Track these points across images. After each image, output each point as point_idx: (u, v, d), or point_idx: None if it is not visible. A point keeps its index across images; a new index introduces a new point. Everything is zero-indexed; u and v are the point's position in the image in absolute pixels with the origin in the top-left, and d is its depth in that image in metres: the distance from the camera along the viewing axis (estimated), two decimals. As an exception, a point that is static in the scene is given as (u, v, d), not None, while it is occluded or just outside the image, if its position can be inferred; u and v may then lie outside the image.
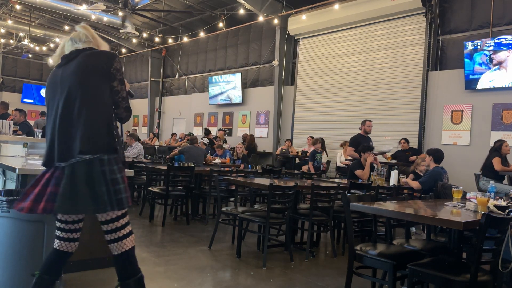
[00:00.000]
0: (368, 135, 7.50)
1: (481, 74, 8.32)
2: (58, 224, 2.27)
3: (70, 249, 2.27)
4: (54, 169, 2.17)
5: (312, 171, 8.29)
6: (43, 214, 2.15)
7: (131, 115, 2.40)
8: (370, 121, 7.67)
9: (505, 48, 7.98)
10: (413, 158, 8.05)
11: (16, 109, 7.57)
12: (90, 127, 2.12)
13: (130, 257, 2.26)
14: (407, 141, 9.00)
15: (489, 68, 8.19)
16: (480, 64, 8.30)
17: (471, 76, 8.44)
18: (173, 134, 15.00)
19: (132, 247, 2.28)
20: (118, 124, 2.36)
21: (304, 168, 9.72)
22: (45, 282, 2.19)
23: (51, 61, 2.37)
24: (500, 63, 8.08)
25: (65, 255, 2.26)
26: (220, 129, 13.05)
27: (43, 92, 20.20)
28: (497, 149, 6.75)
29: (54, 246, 2.26)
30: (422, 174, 5.87)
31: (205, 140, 9.97)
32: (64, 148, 2.12)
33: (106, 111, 2.21)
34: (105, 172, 2.10)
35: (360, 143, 6.97)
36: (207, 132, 12.16)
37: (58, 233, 2.27)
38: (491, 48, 8.15)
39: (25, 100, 19.51)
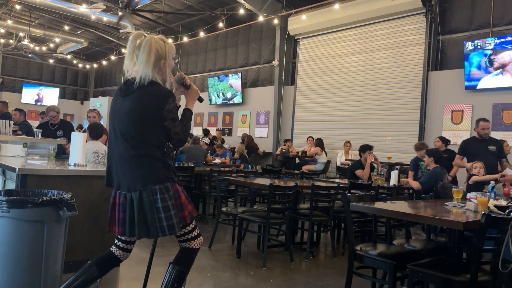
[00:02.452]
0: (484, 138, 6.01)
1: (481, 74, 8.31)
2: (116, 240, 2.54)
3: (122, 257, 2.51)
4: (119, 195, 2.39)
5: (414, 185, 5.53)
6: (120, 236, 2.46)
7: (186, 140, 2.55)
8: (486, 120, 6.12)
9: (507, 48, 7.97)
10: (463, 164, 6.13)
11: (16, 109, 7.57)
12: (144, 163, 2.31)
13: (192, 254, 2.51)
14: (443, 140, 7.28)
15: (489, 68, 8.18)
16: (480, 65, 8.30)
17: (471, 76, 8.44)
18: None
19: (197, 248, 2.52)
20: None
21: (305, 168, 9.72)
22: (91, 271, 2.39)
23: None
24: (500, 64, 8.07)
25: (117, 260, 2.52)
26: (217, 129, 13.04)
27: (43, 91, 20.23)
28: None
29: (111, 249, 2.52)
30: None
31: (206, 140, 9.98)
32: (122, 179, 2.35)
33: (159, 148, 2.36)
34: (156, 201, 2.29)
35: (469, 149, 5.91)
36: (206, 133, 12.17)
37: (116, 241, 2.52)
38: (491, 48, 8.14)
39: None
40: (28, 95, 19.82)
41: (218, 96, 14.40)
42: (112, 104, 2.47)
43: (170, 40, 2.54)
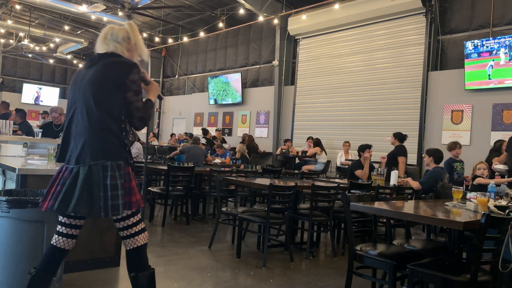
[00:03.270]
0: None
1: (481, 74, 8.31)
2: (60, 218, 2.32)
3: (67, 246, 2.30)
4: (65, 169, 2.25)
5: (414, 185, 5.46)
6: (47, 211, 2.23)
7: (147, 124, 2.42)
8: None
9: (507, 47, 7.98)
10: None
11: (16, 109, 7.56)
12: (98, 137, 2.20)
13: (141, 252, 2.33)
14: (395, 136, 7.23)
15: (490, 68, 8.19)
16: (480, 65, 8.30)
17: (471, 76, 8.44)
18: (172, 134, 15.00)
19: (145, 244, 2.35)
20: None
21: (305, 168, 9.72)
22: (42, 279, 2.23)
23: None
24: (500, 64, 8.07)
25: (61, 252, 2.30)
26: (217, 130, 13.04)
27: (43, 92, 20.23)
28: (497, 149, 6.75)
29: (51, 242, 2.30)
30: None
31: (203, 140, 9.98)
32: (74, 152, 2.22)
33: (116, 121, 2.25)
34: (105, 178, 2.16)
35: None
36: (205, 132, 12.17)
37: (58, 227, 2.32)
38: (492, 48, 8.14)
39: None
40: (28, 93, 19.78)
41: (218, 96, 14.40)
42: (73, 78, 2.40)
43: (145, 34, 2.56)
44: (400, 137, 7.18)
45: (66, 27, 15.17)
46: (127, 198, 2.22)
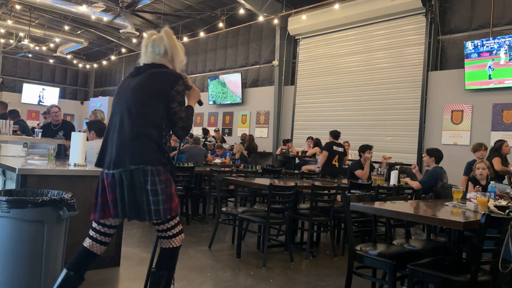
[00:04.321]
0: None
1: (481, 74, 8.31)
2: (95, 225, 2.42)
3: (98, 251, 2.40)
4: (107, 175, 2.31)
5: (414, 185, 5.53)
6: (115, 218, 2.36)
7: (188, 133, 2.48)
8: None
9: (507, 47, 7.97)
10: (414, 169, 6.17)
11: (8, 111, 7.42)
12: (138, 142, 2.25)
13: (174, 253, 2.43)
14: (331, 134, 7.66)
15: (490, 68, 8.19)
16: (480, 64, 8.30)
17: (471, 76, 8.44)
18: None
19: (179, 246, 2.43)
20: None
21: (305, 168, 9.72)
22: (72, 278, 2.32)
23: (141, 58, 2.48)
24: (500, 64, 8.07)
25: (92, 256, 2.39)
26: (215, 130, 13.03)
27: (43, 91, 20.22)
28: (497, 149, 6.75)
29: (85, 245, 2.39)
30: (483, 182, 4.97)
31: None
32: (113, 157, 2.27)
33: (157, 128, 2.30)
34: (146, 182, 2.22)
35: None
36: (205, 132, 12.17)
37: (92, 233, 2.42)
38: (492, 48, 8.15)
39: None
40: (30, 94, 19.77)
41: (218, 96, 14.40)
42: (119, 86, 2.46)
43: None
44: (333, 134, 7.73)
45: (66, 27, 15.17)
46: (169, 204, 2.29)
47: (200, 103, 2.67)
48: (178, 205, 2.39)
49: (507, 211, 2.87)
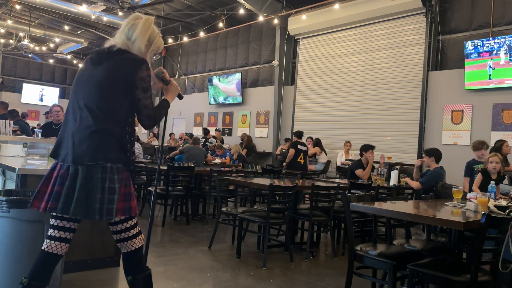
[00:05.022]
0: None
1: (481, 74, 8.31)
2: (52, 221, 2.24)
3: (60, 250, 2.20)
4: (60, 167, 2.19)
5: (414, 185, 5.58)
6: (47, 212, 2.18)
7: (156, 123, 2.37)
8: None
9: (507, 47, 7.97)
10: (418, 161, 6.19)
11: (8, 111, 7.42)
12: (99, 138, 2.14)
13: (138, 255, 2.32)
14: (295, 134, 8.62)
15: (490, 68, 8.19)
16: (480, 64, 8.29)
17: (471, 76, 8.44)
18: (171, 134, 15.00)
19: (141, 246, 2.34)
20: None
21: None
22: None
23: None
24: (500, 64, 8.07)
25: (53, 258, 2.20)
26: (216, 130, 13.04)
27: (44, 92, 20.22)
28: (498, 149, 6.74)
29: (42, 248, 2.21)
30: (493, 177, 4.81)
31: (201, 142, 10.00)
32: (71, 150, 2.15)
33: (120, 124, 2.20)
34: (104, 180, 2.11)
35: None
36: (206, 132, 12.16)
37: (50, 231, 2.24)
38: (492, 48, 8.14)
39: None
40: (30, 94, 19.76)
41: (218, 96, 14.40)
42: (79, 73, 2.32)
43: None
44: (297, 134, 8.60)
45: (66, 27, 15.17)
46: (127, 204, 2.20)
47: (180, 96, 2.59)
48: (137, 207, 2.29)
49: (507, 211, 2.87)
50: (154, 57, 2.50)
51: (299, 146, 8.39)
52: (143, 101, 2.23)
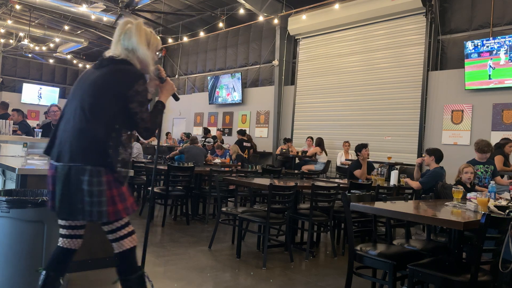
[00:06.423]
0: None
1: (481, 74, 8.31)
2: (59, 221, 2.31)
3: (73, 245, 2.31)
4: (51, 166, 2.23)
5: (414, 185, 5.39)
6: (52, 211, 2.24)
7: (153, 134, 2.37)
8: None
9: (507, 47, 7.97)
10: (419, 160, 6.02)
11: (14, 109, 7.54)
12: (82, 140, 2.14)
13: (130, 256, 2.31)
14: (238, 132, 9.38)
15: (490, 68, 8.18)
16: (480, 64, 8.29)
17: (471, 76, 8.43)
18: (168, 133, 15.00)
19: (133, 247, 2.32)
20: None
21: (305, 168, 9.72)
22: (51, 279, 2.24)
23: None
24: (500, 64, 8.07)
25: (69, 252, 2.30)
26: (218, 129, 13.05)
27: (43, 92, 20.21)
28: (501, 146, 6.71)
29: (58, 244, 2.30)
30: (468, 186, 4.71)
31: (201, 142, 10.00)
32: (60, 150, 2.18)
33: (107, 128, 2.18)
34: (82, 182, 2.10)
35: None
36: (206, 132, 12.16)
37: (60, 230, 2.31)
38: (492, 48, 8.14)
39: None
40: (30, 94, 19.76)
41: (218, 96, 14.40)
42: (81, 75, 2.37)
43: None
44: (241, 132, 10.38)
45: (66, 27, 15.17)
46: (116, 206, 2.17)
47: (176, 97, 2.57)
48: (134, 203, 2.27)
49: (507, 211, 2.87)
50: (157, 54, 2.48)
51: (244, 144, 10.17)
52: (140, 114, 2.23)
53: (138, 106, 2.22)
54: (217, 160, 8.82)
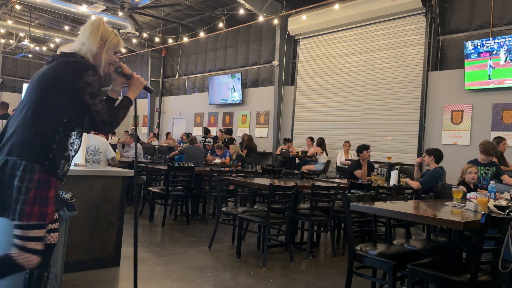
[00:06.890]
0: None
1: (481, 74, 8.31)
2: None
3: (52, 241, 2.20)
4: None
5: (414, 185, 5.42)
6: None
7: (113, 127, 2.28)
8: None
9: (507, 47, 7.98)
10: (418, 160, 6.04)
11: (14, 109, 7.49)
12: (22, 133, 2.06)
13: (13, 270, 2.11)
14: (225, 131, 9.40)
15: (490, 68, 8.19)
16: (480, 64, 8.30)
17: (471, 76, 8.44)
18: (168, 133, 15.01)
19: (21, 266, 2.09)
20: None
21: (305, 168, 9.73)
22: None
23: None
24: (500, 64, 8.07)
25: (50, 247, 2.21)
26: (220, 130, 13.06)
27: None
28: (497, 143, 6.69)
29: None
30: (472, 186, 4.74)
31: (201, 142, 10.02)
32: (4, 144, 2.09)
33: (52, 124, 2.09)
34: (14, 177, 1.99)
35: None
36: (206, 132, 12.16)
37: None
38: (492, 48, 8.15)
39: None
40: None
41: (218, 96, 14.40)
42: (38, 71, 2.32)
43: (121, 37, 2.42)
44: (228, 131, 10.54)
45: (66, 27, 15.17)
46: (36, 209, 2.01)
47: (149, 90, 2.48)
48: (45, 214, 2.05)
49: (507, 211, 2.88)
50: (117, 55, 2.41)
51: (207, 140, 11.08)
52: (93, 106, 2.16)
53: (90, 98, 2.14)
54: (217, 160, 8.82)
